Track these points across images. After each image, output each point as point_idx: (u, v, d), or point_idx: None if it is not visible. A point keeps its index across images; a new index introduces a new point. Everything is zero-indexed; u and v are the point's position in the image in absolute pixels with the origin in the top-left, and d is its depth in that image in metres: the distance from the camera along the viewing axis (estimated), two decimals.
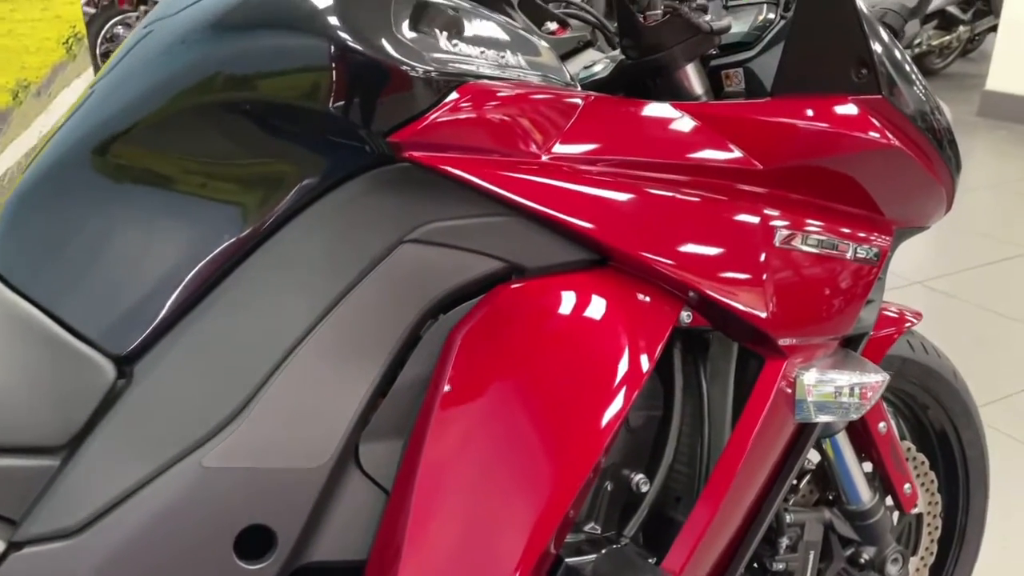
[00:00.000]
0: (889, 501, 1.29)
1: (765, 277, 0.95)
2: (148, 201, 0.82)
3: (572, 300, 0.88)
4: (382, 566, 0.85)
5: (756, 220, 0.95)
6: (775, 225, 0.96)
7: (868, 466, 1.27)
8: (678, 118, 0.94)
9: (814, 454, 1.24)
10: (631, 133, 0.92)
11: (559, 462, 0.86)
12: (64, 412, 0.78)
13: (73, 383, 0.78)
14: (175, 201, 0.82)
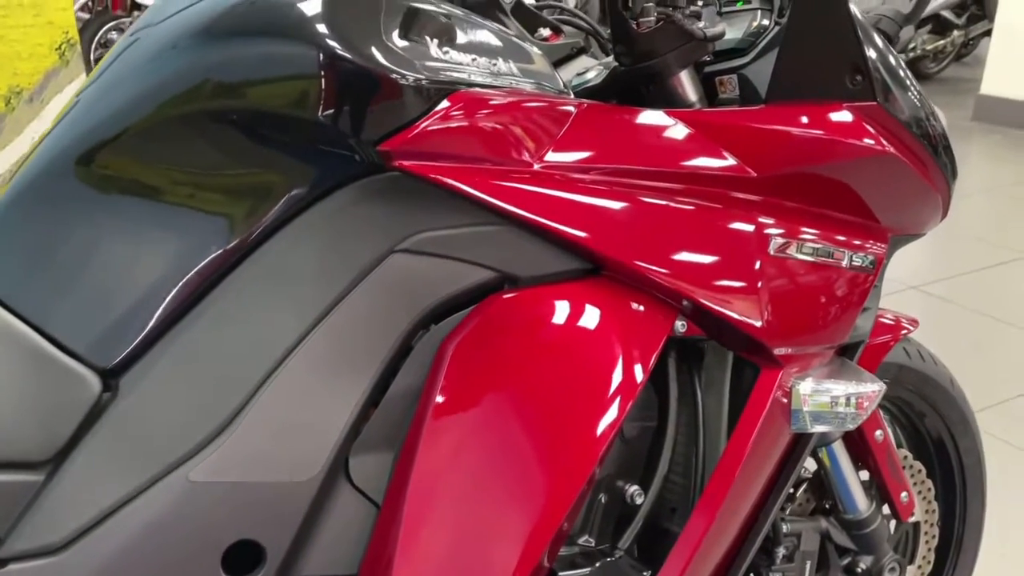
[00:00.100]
0: (886, 510, 1.29)
1: (760, 286, 0.94)
2: (134, 211, 0.80)
3: (565, 310, 0.88)
4: None
5: (751, 228, 0.95)
6: (770, 233, 0.95)
7: (865, 474, 1.26)
8: (672, 125, 0.93)
9: (810, 462, 1.23)
10: (624, 141, 0.91)
11: (553, 474, 0.85)
12: (49, 426, 0.76)
13: (58, 396, 0.77)
14: (162, 211, 0.80)
